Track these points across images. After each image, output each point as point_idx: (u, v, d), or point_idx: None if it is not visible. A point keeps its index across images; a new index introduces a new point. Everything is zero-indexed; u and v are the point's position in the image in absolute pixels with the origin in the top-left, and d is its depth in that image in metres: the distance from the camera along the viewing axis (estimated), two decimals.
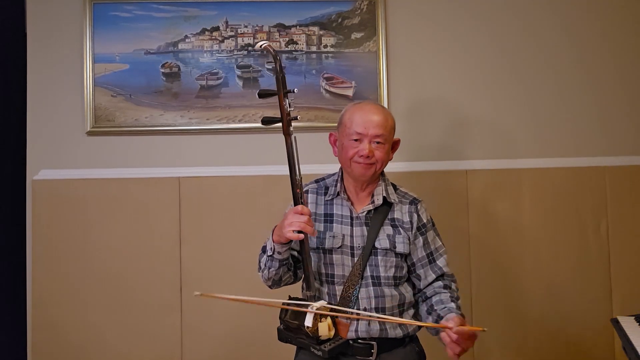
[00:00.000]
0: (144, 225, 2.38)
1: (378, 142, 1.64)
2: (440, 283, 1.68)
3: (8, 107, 2.45)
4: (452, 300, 1.63)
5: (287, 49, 2.47)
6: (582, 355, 2.46)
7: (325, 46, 2.48)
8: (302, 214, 1.51)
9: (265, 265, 1.62)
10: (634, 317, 1.74)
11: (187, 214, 2.39)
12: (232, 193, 2.40)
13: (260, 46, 1.58)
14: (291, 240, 1.55)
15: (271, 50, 1.56)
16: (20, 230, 2.40)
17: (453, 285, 1.70)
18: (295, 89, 1.58)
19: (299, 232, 1.50)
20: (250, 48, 2.46)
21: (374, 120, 1.64)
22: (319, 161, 2.21)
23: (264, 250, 1.63)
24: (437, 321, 1.58)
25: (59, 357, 2.32)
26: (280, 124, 1.57)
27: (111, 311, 2.35)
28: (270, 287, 1.69)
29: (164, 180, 2.39)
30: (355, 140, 1.64)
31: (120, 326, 2.35)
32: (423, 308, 1.68)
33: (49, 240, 2.34)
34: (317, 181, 1.77)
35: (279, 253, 1.57)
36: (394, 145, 1.72)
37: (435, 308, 1.62)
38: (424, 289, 1.70)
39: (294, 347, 1.71)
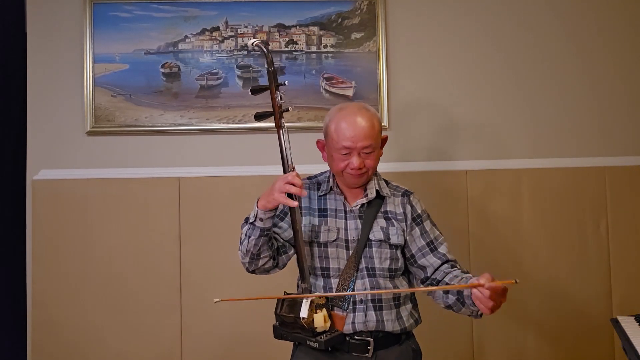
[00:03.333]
0: (144, 226, 2.38)
1: (367, 152, 1.62)
2: (447, 265, 1.66)
3: (8, 107, 2.45)
4: (465, 273, 1.60)
5: (287, 49, 2.47)
6: (582, 355, 2.46)
7: (325, 46, 2.48)
8: (290, 177, 1.51)
9: (245, 235, 1.58)
10: (634, 317, 1.75)
11: (187, 214, 2.39)
12: (232, 193, 2.40)
13: (252, 44, 1.62)
14: (276, 208, 1.55)
15: (262, 47, 1.59)
16: (20, 230, 2.40)
17: (459, 265, 1.67)
18: (287, 82, 1.61)
19: (290, 197, 1.49)
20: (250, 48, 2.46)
21: (360, 133, 1.60)
22: (319, 161, 2.21)
23: (246, 220, 1.60)
24: (459, 296, 1.57)
25: (59, 357, 2.32)
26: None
27: (111, 311, 2.35)
28: (248, 267, 1.64)
29: (164, 180, 2.39)
30: (344, 154, 1.62)
31: (120, 326, 2.35)
32: (439, 292, 1.63)
33: (49, 240, 2.34)
34: (309, 178, 1.77)
35: (261, 220, 1.54)
36: (382, 142, 1.70)
37: (454, 284, 1.58)
38: (432, 275, 1.66)
39: (292, 348, 1.71)
